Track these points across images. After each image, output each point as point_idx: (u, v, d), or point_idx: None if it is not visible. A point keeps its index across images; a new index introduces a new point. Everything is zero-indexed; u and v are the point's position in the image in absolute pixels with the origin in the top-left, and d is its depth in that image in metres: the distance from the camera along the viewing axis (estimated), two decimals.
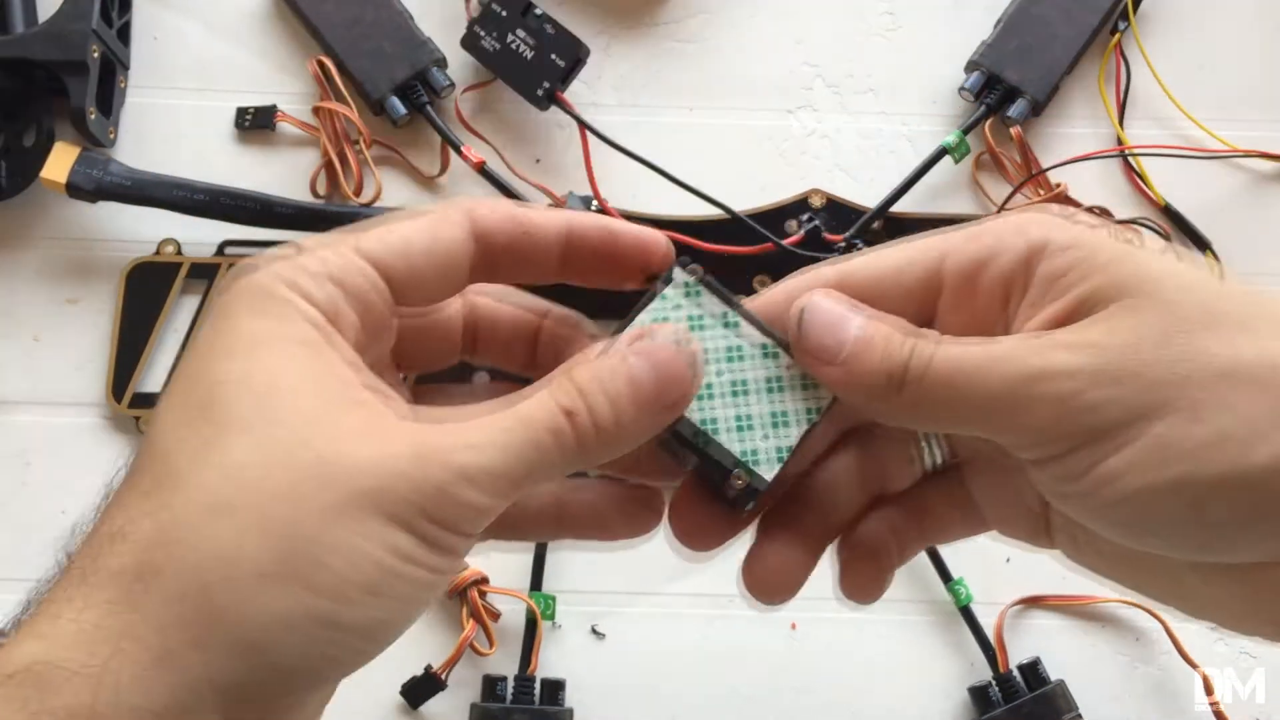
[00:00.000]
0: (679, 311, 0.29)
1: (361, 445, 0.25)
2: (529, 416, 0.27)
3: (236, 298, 0.27)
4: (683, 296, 0.29)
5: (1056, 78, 0.60)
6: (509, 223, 0.30)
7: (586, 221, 0.31)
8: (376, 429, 0.26)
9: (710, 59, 0.62)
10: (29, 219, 0.59)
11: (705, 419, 0.29)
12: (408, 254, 0.29)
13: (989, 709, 0.52)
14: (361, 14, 0.60)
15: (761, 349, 0.30)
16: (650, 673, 0.54)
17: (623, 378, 0.28)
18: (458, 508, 0.26)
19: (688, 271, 0.29)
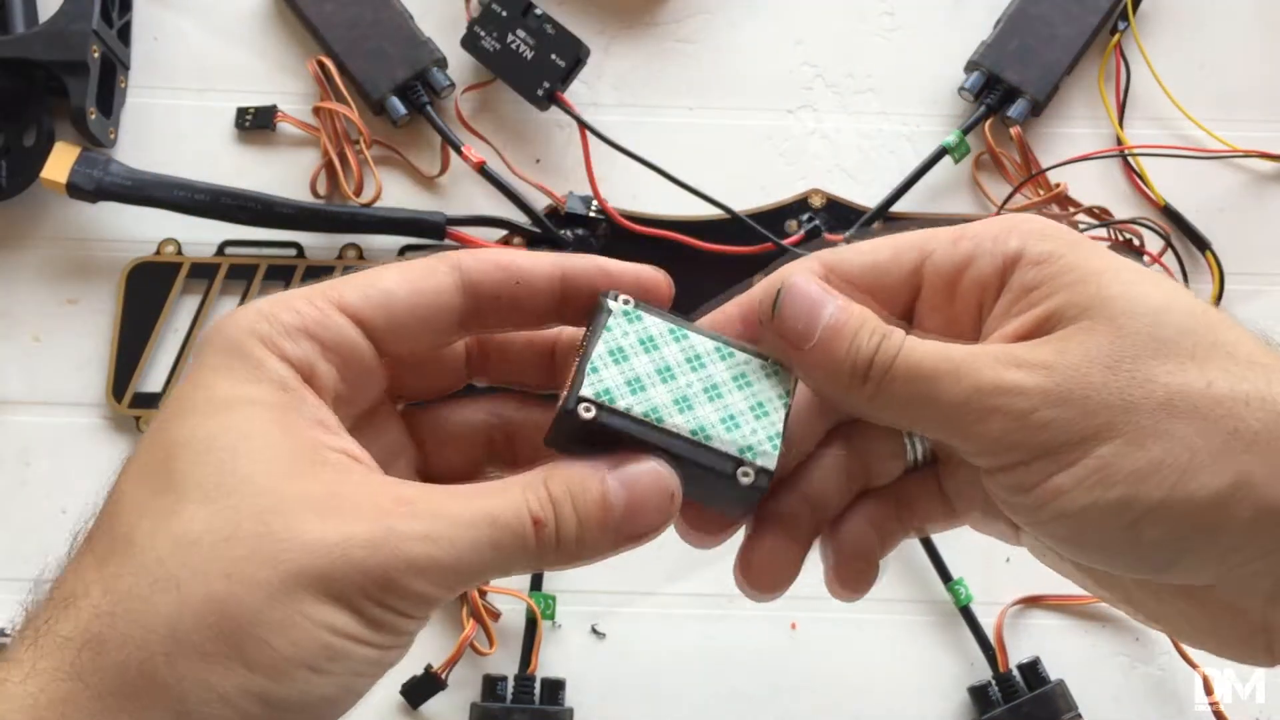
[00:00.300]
0: (628, 338, 0.29)
1: (316, 522, 0.25)
2: (496, 517, 0.27)
3: (210, 353, 0.28)
4: (627, 323, 0.29)
5: (1056, 78, 0.60)
6: (499, 272, 0.30)
7: (581, 265, 0.30)
8: (336, 503, 0.26)
9: (710, 59, 0.62)
10: (29, 219, 0.59)
11: (695, 428, 0.29)
12: (389, 306, 0.29)
13: (989, 709, 0.52)
14: (361, 14, 0.60)
15: (717, 351, 0.30)
16: (650, 673, 0.54)
17: (595, 499, 0.28)
18: (404, 596, 0.26)
19: (620, 300, 0.30)
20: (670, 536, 0.57)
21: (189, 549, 0.25)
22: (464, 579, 0.26)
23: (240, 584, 0.24)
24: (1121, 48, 0.61)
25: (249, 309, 0.28)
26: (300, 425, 0.27)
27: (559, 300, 0.30)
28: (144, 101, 0.61)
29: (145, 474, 0.26)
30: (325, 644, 0.25)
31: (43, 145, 0.58)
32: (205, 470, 0.26)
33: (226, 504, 0.25)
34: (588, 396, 0.28)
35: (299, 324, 0.28)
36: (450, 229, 0.57)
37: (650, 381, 0.29)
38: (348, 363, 0.28)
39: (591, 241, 0.58)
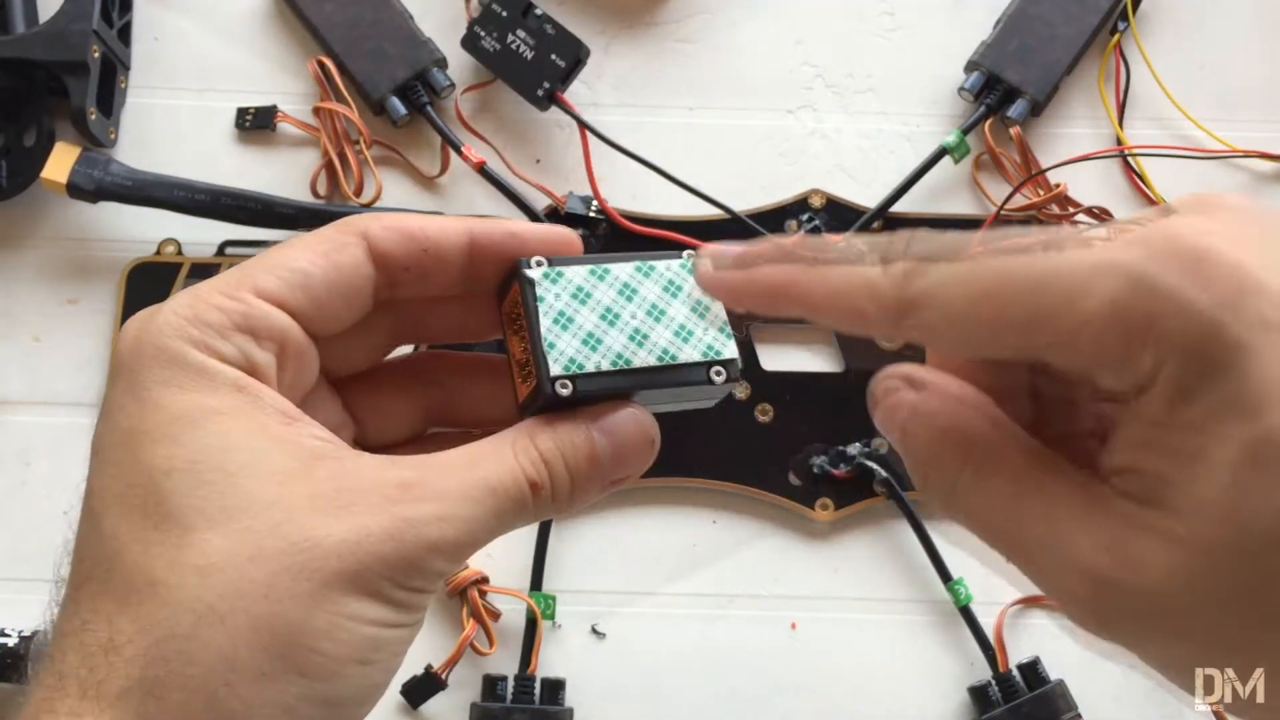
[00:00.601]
0: (560, 298, 0.29)
1: (332, 522, 0.26)
2: (495, 486, 0.27)
3: (143, 366, 0.27)
4: (551, 284, 0.30)
5: (1056, 78, 0.60)
6: (407, 242, 0.30)
7: (489, 228, 0.30)
8: (343, 498, 0.26)
9: (710, 59, 0.62)
10: (29, 219, 0.59)
11: (660, 354, 0.30)
12: (308, 287, 0.28)
13: (989, 709, 0.52)
14: (361, 14, 0.60)
15: (638, 270, 0.30)
16: (650, 673, 0.54)
17: (585, 454, 0.29)
18: (427, 576, 0.27)
19: (534, 265, 0.30)
20: (672, 544, 0.57)
21: (217, 577, 0.25)
22: (473, 548, 0.27)
23: (280, 601, 0.25)
24: (1121, 48, 0.61)
25: (165, 313, 0.27)
26: (271, 423, 0.27)
27: (468, 266, 0.30)
28: (144, 101, 0.61)
29: (133, 507, 0.26)
30: (368, 637, 0.26)
31: (43, 145, 0.58)
32: (203, 495, 0.25)
33: (238, 525, 0.25)
34: (559, 374, 0.29)
35: (227, 321, 0.27)
36: None
37: (601, 331, 0.29)
38: (283, 349, 0.28)
39: (591, 242, 0.58)
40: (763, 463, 0.56)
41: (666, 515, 0.56)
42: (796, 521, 0.56)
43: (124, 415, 0.27)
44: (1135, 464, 0.24)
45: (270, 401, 0.27)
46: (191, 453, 0.26)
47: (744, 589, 0.55)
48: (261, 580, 0.25)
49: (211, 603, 0.25)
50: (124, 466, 0.26)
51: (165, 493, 0.26)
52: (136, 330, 0.28)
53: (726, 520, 0.56)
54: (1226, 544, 0.22)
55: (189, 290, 0.28)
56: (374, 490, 0.26)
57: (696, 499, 0.56)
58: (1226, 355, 0.22)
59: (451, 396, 0.34)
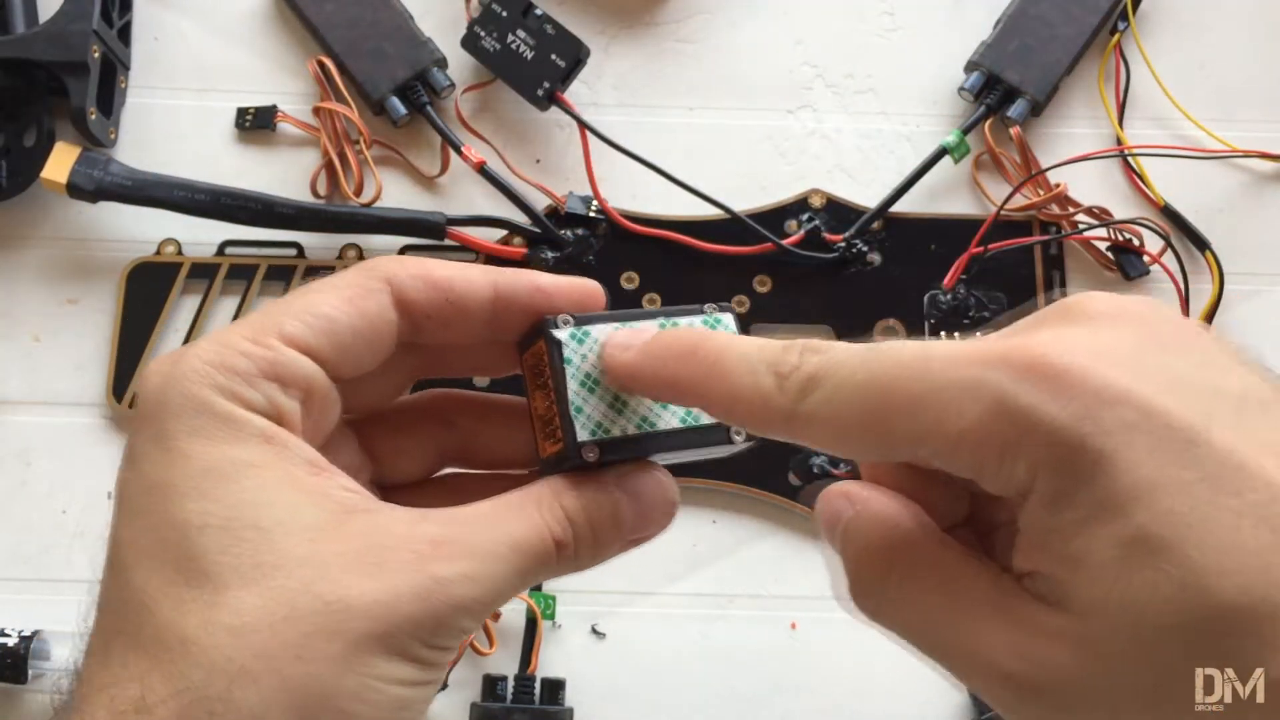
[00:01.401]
0: (587, 360, 0.29)
1: (365, 581, 0.25)
2: (521, 543, 0.27)
3: (170, 414, 0.27)
4: (578, 345, 0.29)
5: (1056, 78, 0.60)
6: (432, 291, 0.29)
7: (514, 281, 0.30)
8: (374, 556, 0.26)
9: (710, 59, 0.62)
10: (29, 219, 0.59)
11: (683, 416, 0.30)
12: (334, 333, 0.28)
13: (988, 709, 0.52)
14: (361, 14, 0.60)
15: (661, 327, 0.30)
16: (650, 673, 0.54)
17: (609, 514, 0.29)
18: (454, 634, 0.27)
19: (561, 324, 0.29)
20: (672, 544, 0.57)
21: (251, 638, 0.25)
22: (497, 605, 0.27)
23: (312, 662, 0.25)
24: (1121, 48, 0.61)
25: (191, 359, 0.27)
26: (301, 476, 0.27)
27: (492, 316, 0.30)
28: (144, 101, 0.61)
29: (164, 562, 0.26)
30: (396, 698, 0.26)
31: (43, 145, 0.58)
32: (237, 553, 0.25)
33: (272, 584, 0.25)
34: (587, 440, 0.29)
35: (254, 368, 0.27)
36: (450, 229, 0.57)
37: (626, 394, 0.29)
38: (309, 396, 0.28)
39: (591, 242, 0.58)
40: (763, 463, 0.56)
41: None
42: (796, 521, 0.56)
43: (151, 465, 0.26)
44: (1033, 566, 0.25)
45: (298, 451, 0.27)
46: (225, 509, 0.26)
47: (744, 589, 0.55)
48: (294, 641, 0.25)
49: (245, 664, 0.24)
50: (154, 519, 0.26)
51: (198, 549, 0.25)
52: (162, 376, 0.27)
53: (726, 520, 0.56)
54: (1121, 640, 0.23)
55: (214, 335, 0.28)
56: (404, 547, 0.26)
57: (696, 499, 0.56)
58: (1090, 464, 0.23)
59: (466, 437, 0.33)
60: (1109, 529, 0.23)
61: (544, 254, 0.58)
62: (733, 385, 0.27)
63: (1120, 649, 0.23)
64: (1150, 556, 0.23)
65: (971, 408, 0.24)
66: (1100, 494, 0.23)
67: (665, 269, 0.58)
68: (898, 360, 0.25)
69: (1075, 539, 0.24)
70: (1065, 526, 0.24)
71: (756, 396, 0.27)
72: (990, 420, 0.24)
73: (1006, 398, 0.24)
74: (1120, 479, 0.23)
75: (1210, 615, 0.23)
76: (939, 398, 0.24)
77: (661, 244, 0.58)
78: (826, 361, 0.26)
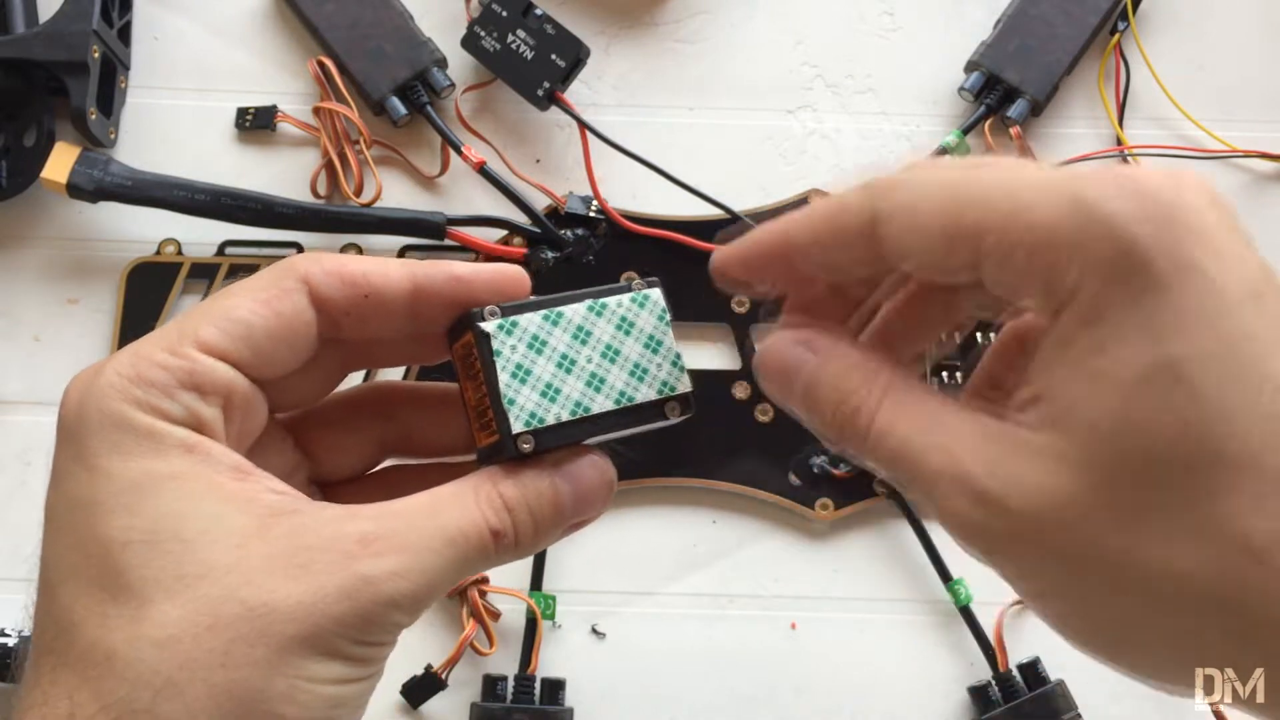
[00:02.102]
0: (516, 351, 0.29)
1: (289, 584, 0.25)
2: (455, 536, 0.27)
3: (89, 431, 0.27)
4: (507, 336, 0.29)
5: (1056, 78, 0.60)
6: (347, 288, 0.29)
7: (431, 273, 0.30)
8: (300, 557, 0.26)
9: (710, 59, 0.62)
10: (29, 219, 0.59)
11: (617, 398, 0.30)
12: (250, 338, 0.28)
13: (989, 709, 0.52)
14: (361, 14, 0.60)
15: (590, 310, 0.30)
16: (650, 673, 0.54)
17: (548, 501, 0.29)
18: (386, 629, 0.27)
19: (488, 316, 0.29)
20: (672, 544, 0.57)
21: (175, 649, 0.25)
22: (432, 599, 0.27)
23: (238, 668, 0.25)
24: (1121, 48, 0.61)
25: (108, 374, 0.27)
26: (224, 483, 0.27)
27: (412, 310, 0.30)
28: (144, 101, 0.61)
29: (90, 580, 0.26)
30: (328, 696, 0.26)
31: (43, 145, 0.58)
32: (160, 566, 0.25)
33: (195, 594, 0.25)
34: (521, 430, 0.29)
35: (170, 379, 0.27)
36: (450, 229, 0.57)
37: (559, 380, 0.30)
38: (229, 401, 0.28)
39: (591, 242, 0.58)
40: (763, 463, 0.56)
41: (666, 515, 0.56)
42: (796, 521, 0.56)
43: (74, 483, 0.27)
44: (1036, 391, 0.25)
45: (221, 458, 0.27)
46: (147, 523, 0.26)
47: (744, 589, 0.55)
48: (219, 649, 0.25)
49: (169, 675, 0.24)
50: (79, 537, 0.26)
51: (122, 565, 0.25)
52: (79, 393, 0.27)
53: (726, 520, 0.56)
54: (1105, 462, 0.23)
55: (130, 348, 0.28)
56: (332, 546, 0.26)
57: (696, 499, 0.56)
58: (1150, 282, 0.23)
59: (405, 428, 0.33)
60: (1139, 351, 0.23)
61: (544, 254, 0.58)
62: (819, 208, 0.28)
63: (1101, 474, 0.23)
64: (1169, 388, 0.23)
65: (1048, 202, 0.24)
66: (1145, 315, 0.23)
67: (665, 269, 0.58)
68: (983, 163, 0.26)
69: (1100, 356, 0.23)
70: (1094, 342, 0.24)
71: (839, 206, 0.27)
72: (1064, 216, 0.24)
73: (1087, 198, 0.23)
74: (1172, 306, 0.23)
75: (1201, 463, 0.23)
76: (1018, 193, 0.24)
77: (661, 244, 0.58)
78: (911, 169, 0.26)
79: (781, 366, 0.29)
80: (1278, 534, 0.23)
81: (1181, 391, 0.23)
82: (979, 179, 0.25)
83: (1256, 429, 0.23)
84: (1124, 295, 0.23)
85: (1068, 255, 0.24)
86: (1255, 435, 0.23)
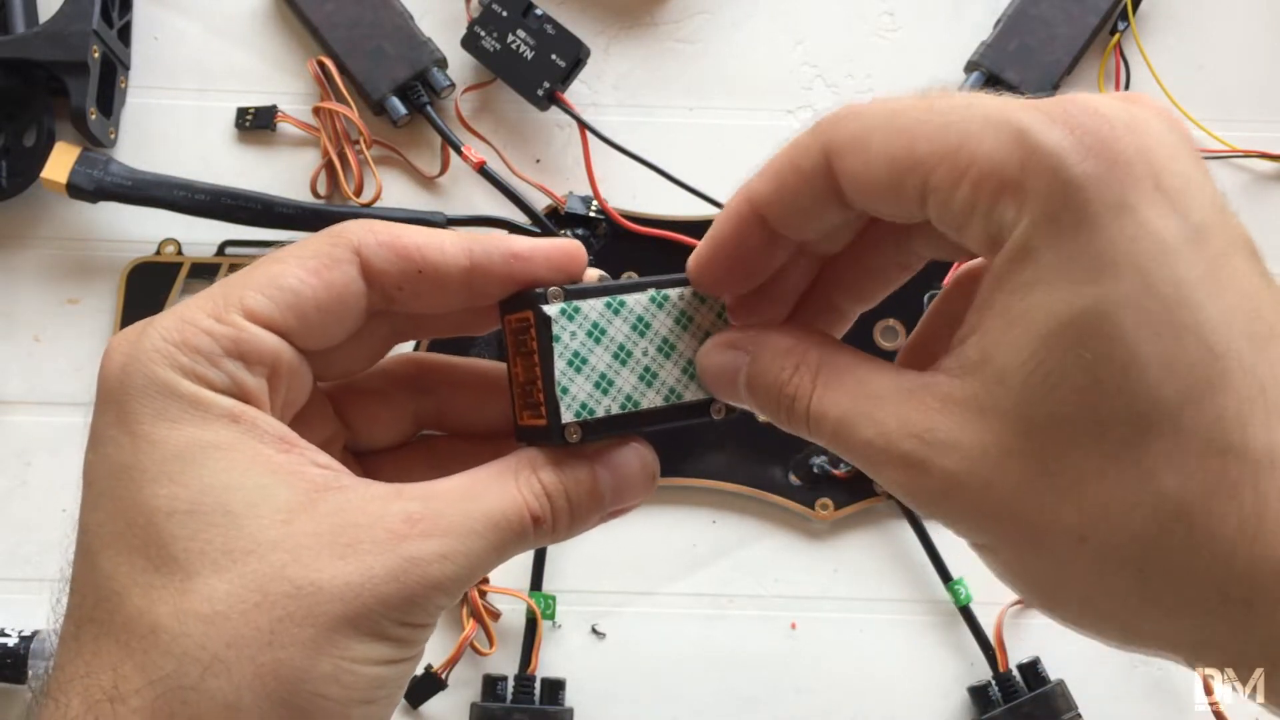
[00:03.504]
0: (576, 338, 0.29)
1: (337, 563, 0.25)
2: (497, 520, 0.27)
3: (133, 396, 0.26)
4: (568, 321, 0.29)
5: (1056, 78, 0.60)
6: (402, 261, 0.28)
7: (490, 249, 0.29)
8: (347, 535, 0.26)
9: (710, 59, 0.62)
10: (29, 219, 0.59)
11: (667, 394, 0.30)
12: (299, 307, 0.28)
13: (988, 709, 0.52)
14: (362, 14, 0.60)
15: (652, 302, 0.30)
16: (650, 673, 0.54)
17: (587, 490, 0.29)
18: (429, 611, 0.27)
19: (551, 299, 0.29)
20: (672, 544, 0.57)
21: (223, 625, 0.24)
22: (473, 581, 0.27)
23: (285, 647, 0.25)
24: (1121, 48, 0.61)
25: (153, 337, 0.26)
26: (271, 455, 0.26)
27: (467, 286, 0.29)
28: (144, 101, 0.61)
29: (133, 548, 0.25)
30: (372, 677, 0.26)
31: (43, 145, 0.58)
32: (207, 539, 0.25)
33: (243, 570, 0.25)
34: (570, 421, 0.29)
35: (217, 347, 0.26)
36: (450, 229, 0.57)
37: (613, 372, 0.29)
38: (275, 371, 0.28)
39: (591, 242, 0.58)
40: (763, 463, 0.56)
41: (666, 515, 0.56)
42: (796, 521, 0.56)
43: (116, 449, 0.26)
44: (963, 334, 0.24)
45: (266, 429, 0.27)
46: (193, 493, 0.25)
47: (744, 589, 0.55)
48: (266, 627, 0.25)
49: (216, 652, 0.24)
50: (122, 504, 0.26)
51: (167, 535, 0.25)
52: (123, 355, 0.27)
53: (726, 520, 0.56)
54: (1017, 417, 0.23)
55: (174, 311, 0.27)
56: (378, 525, 0.26)
57: (696, 499, 0.56)
58: (1078, 223, 0.22)
59: (443, 403, 0.33)
60: (1059, 296, 0.22)
61: None
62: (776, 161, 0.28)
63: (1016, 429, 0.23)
64: (1084, 338, 0.22)
65: (994, 133, 0.23)
66: (1070, 256, 0.22)
67: (665, 269, 0.58)
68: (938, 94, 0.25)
69: (1022, 298, 0.23)
70: (1020, 282, 0.23)
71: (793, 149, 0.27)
72: (1006, 148, 0.23)
73: (1030, 132, 0.23)
74: (1099, 248, 0.22)
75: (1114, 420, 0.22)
76: (966, 122, 0.24)
77: (661, 244, 0.58)
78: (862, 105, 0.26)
79: (719, 373, 0.29)
80: (1195, 494, 0.22)
81: (1097, 342, 0.22)
82: (930, 109, 0.25)
83: (1173, 383, 0.22)
84: (1054, 234, 0.22)
85: (1008, 191, 0.23)
86: (1171, 390, 0.22)
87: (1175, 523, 0.22)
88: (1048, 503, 0.23)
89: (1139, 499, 0.22)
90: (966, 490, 0.24)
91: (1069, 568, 0.24)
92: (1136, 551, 0.23)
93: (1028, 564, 0.25)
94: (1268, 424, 0.22)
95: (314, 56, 0.60)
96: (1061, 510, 0.23)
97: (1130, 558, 0.23)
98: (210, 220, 0.57)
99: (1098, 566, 0.23)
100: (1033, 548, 0.24)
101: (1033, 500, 0.23)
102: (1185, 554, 0.22)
